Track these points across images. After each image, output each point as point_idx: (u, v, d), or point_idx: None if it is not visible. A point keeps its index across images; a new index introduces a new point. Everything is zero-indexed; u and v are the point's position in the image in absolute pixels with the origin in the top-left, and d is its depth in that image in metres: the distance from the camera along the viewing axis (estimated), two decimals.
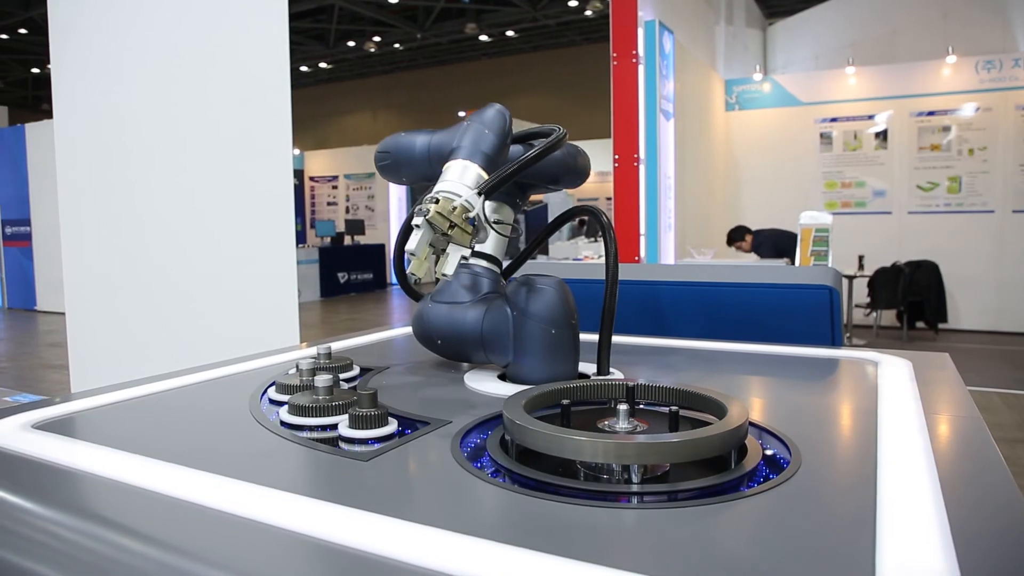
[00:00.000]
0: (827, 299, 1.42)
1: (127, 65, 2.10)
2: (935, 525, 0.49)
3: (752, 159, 8.18)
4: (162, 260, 2.15)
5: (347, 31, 17.19)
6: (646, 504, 0.57)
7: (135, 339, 2.15)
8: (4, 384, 5.66)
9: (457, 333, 0.97)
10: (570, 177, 1.11)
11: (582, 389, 0.74)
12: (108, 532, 0.51)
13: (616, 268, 0.97)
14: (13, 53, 17.47)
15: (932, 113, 7.50)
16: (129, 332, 2.15)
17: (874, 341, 6.90)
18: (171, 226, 2.14)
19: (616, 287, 0.97)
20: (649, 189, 5.22)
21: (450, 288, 1.00)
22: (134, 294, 2.14)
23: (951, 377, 1.02)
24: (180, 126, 2.14)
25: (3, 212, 11.65)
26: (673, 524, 0.52)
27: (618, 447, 0.58)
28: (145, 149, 2.12)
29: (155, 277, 2.15)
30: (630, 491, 0.59)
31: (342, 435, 0.71)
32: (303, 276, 12.29)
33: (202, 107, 2.17)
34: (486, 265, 1.01)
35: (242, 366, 1.09)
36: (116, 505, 0.57)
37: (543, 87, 19.74)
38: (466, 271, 1.00)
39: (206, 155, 2.17)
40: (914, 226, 7.61)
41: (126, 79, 2.10)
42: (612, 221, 8.01)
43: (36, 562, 0.52)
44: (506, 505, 0.56)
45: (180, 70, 2.14)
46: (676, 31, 5.77)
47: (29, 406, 0.85)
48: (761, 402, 0.92)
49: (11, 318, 10.68)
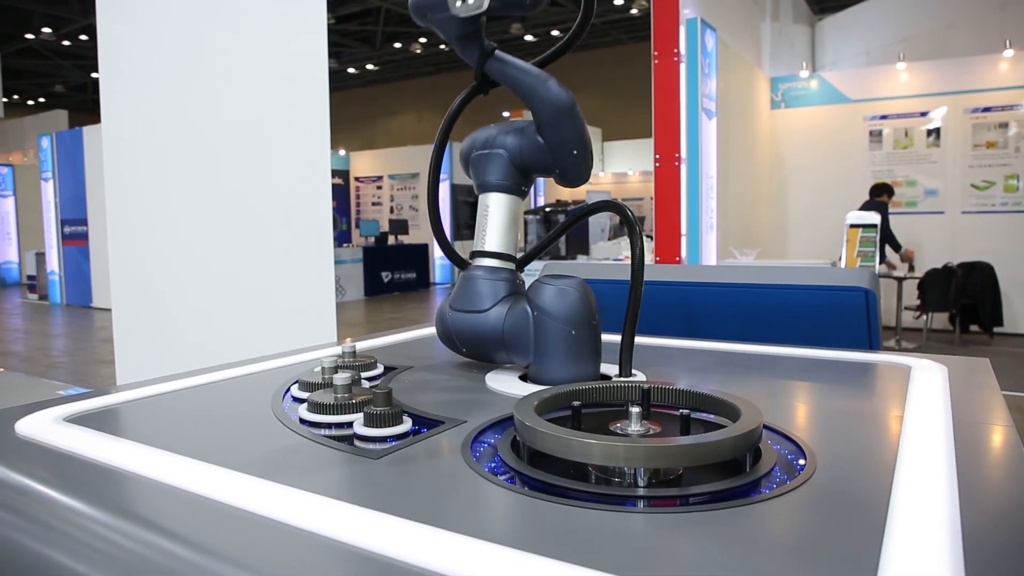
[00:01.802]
0: (863, 301, 1.38)
1: (171, 70, 2.16)
2: (946, 536, 0.48)
3: (798, 158, 8.02)
4: (204, 258, 2.21)
5: (393, 33, 17.39)
6: (651, 509, 0.56)
7: (178, 335, 2.21)
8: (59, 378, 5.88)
9: (479, 337, 0.98)
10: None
11: (594, 391, 0.74)
12: (117, 520, 0.53)
13: (641, 267, 0.96)
14: (74, 58, 18.14)
15: (988, 109, 7.25)
16: (172, 328, 2.21)
17: (925, 345, 6.70)
18: (213, 225, 2.20)
19: (641, 287, 0.96)
20: (691, 189, 5.16)
21: (468, 295, 0.99)
22: (177, 292, 2.20)
23: (988, 383, 0.98)
24: (221, 128, 2.20)
25: (62, 212, 12.10)
26: (678, 528, 0.51)
27: (620, 450, 0.57)
28: (188, 151, 2.18)
29: (198, 275, 2.21)
30: (635, 495, 0.59)
31: (357, 433, 0.72)
32: (348, 275, 12.47)
33: (243, 110, 2.22)
34: (500, 265, 1.00)
35: (271, 363, 1.12)
36: (127, 495, 0.59)
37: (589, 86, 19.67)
38: (482, 277, 0.99)
39: (247, 157, 2.22)
40: (968, 226, 7.37)
41: (170, 84, 2.16)
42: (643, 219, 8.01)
43: (55, 550, 0.55)
44: (512, 507, 0.56)
45: (222, 74, 2.19)
46: (719, 28, 5.69)
47: (65, 399, 0.89)
48: (783, 406, 0.90)
49: (68, 314, 11.08)
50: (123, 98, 2.15)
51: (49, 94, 22.01)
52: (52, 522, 0.57)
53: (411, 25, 16.57)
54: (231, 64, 2.20)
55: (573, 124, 0.95)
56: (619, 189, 17.90)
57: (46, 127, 14.06)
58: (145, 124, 2.16)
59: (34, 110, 21.77)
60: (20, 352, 7.97)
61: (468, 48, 0.99)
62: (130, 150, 2.14)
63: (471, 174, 1.03)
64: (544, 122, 0.95)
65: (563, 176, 0.99)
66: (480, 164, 1.01)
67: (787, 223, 8.10)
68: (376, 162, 18.38)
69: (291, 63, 2.28)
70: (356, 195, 18.77)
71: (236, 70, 2.21)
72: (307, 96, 2.30)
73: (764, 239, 7.62)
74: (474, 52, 0.99)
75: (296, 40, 2.29)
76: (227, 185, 2.21)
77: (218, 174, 2.20)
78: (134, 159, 2.15)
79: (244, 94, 2.22)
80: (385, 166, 18.11)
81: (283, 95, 2.27)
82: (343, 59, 19.46)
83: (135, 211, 2.15)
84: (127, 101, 2.15)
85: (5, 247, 15.91)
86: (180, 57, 2.17)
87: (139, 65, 2.15)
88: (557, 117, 0.95)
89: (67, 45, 16.91)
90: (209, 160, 2.19)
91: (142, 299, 2.21)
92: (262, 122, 2.24)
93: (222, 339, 2.23)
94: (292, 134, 2.28)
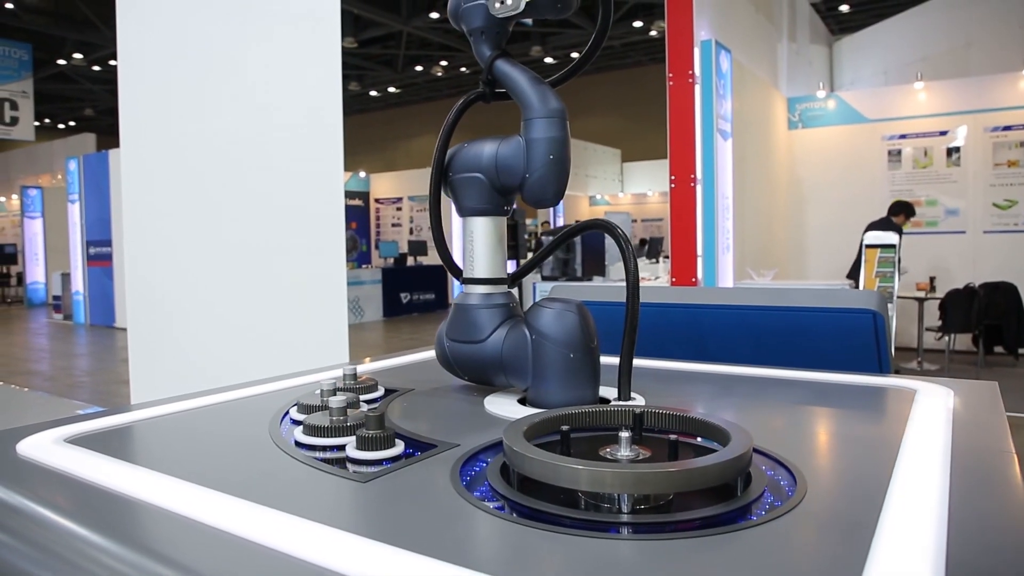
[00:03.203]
0: (871, 324, 1.37)
1: (187, 96, 2.20)
2: (929, 565, 0.47)
3: (816, 178, 7.98)
4: (219, 280, 2.24)
5: (415, 56, 17.61)
6: (640, 535, 0.56)
7: (192, 356, 2.24)
8: (81, 397, 5.96)
9: (479, 364, 0.99)
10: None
11: (585, 415, 0.74)
12: (108, 543, 0.54)
13: (636, 289, 0.96)
14: (104, 83, 18.55)
15: (1008, 128, 7.18)
16: (187, 349, 2.24)
17: (948, 366, 6.60)
18: (227, 247, 2.23)
19: (637, 309, 0.96)
20: (706, 210, 5.15)
21: (464, 324, 0.99)
22: (192, 312, 2.23)
23: (993, 408, 0.97)
24: (236, 152, 2.23)
25: (88, 233, 12.32)
26: (667, 555, 0.51)
27: (606, 476, 0.57)
28: (203, 174, 2.22)
29: (212, 296, 2.24)
30: (625, 521, 0.58)
31: (349, 456, 0.72)
32: (367, 296, 12.53)
33: (258, 134, 2.25)
34: (492, 290, 1.00)
35: (276, 385, 1.13)
36: (120, 518, 0.60)
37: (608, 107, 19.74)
38: (478, 306, 0.99)
39: (261, 180, 2.26)
40: (990, 246, 7.27)
41: (186, 109, 2.20)
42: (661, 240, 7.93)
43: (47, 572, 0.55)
44: (498, 533, 0.56)
45: (237, 100, 2.23)
46: (734, 50, 5.70)
47: (67, 420, 0.90)
48: (781, 429, 0.89)
49: (92, 334, 11.24)
50: (141, 123, 2.20)
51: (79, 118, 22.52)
52: (46, 543, 0.58)
53: (432, 49, 16.78)
54: (247, 90, 2.25)
55: (560, 128, 0.95)
56: (639, 210, 17.89)
57: (74, 150, 14.37)
58: (161, 148, 2.20)
59: (64, 133, 22.28)
60: (44, 371, 8.09)
61: (485, 43, 1.02)
62: (147, 173, 2.18)
63: (451, 197, 1.03)
64: (533, 115, 0.95)
65: (531, 186, 0.95)
66: (460, 188, 1.00)
67: (805, 243, 8.04)
68: (396, 184, 18.54)
69: (306, 89, 2.32)
70: (376, 216, 18.93)
71: (252, 96, 2.25)
72: (322, 121, 2.34)
73: (782, 259, 7.56)
74: (488, 50, 1.02)
75: (311, 66, 2.33)
76: (241, 208, 2.24)
77: (232, 197, 2.24)
78: (151, 182, 2.19)
79: (259, 119, 2.26)
80: (405, 187, 18.26)
81: (298, 120, 2.31)
82: (365, 82, 19.73)
83: (151, 233, 2.19)
84: (145, 125, 2.20)
85: (33, 268, 16.21)
86: (196, 83, 2.21)
87: (157, 91, 2.20)
88: (548, 113, 0.95)
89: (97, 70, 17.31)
90: (223, 184, 2.23)
91: (157, 320, 2.24)
92: (277, 146, 2.28)
93: (236, 359, 2.25)
94: (306, 159, 2.31)
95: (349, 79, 19.05)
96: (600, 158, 18.54)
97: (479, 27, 1.01)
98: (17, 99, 14.68)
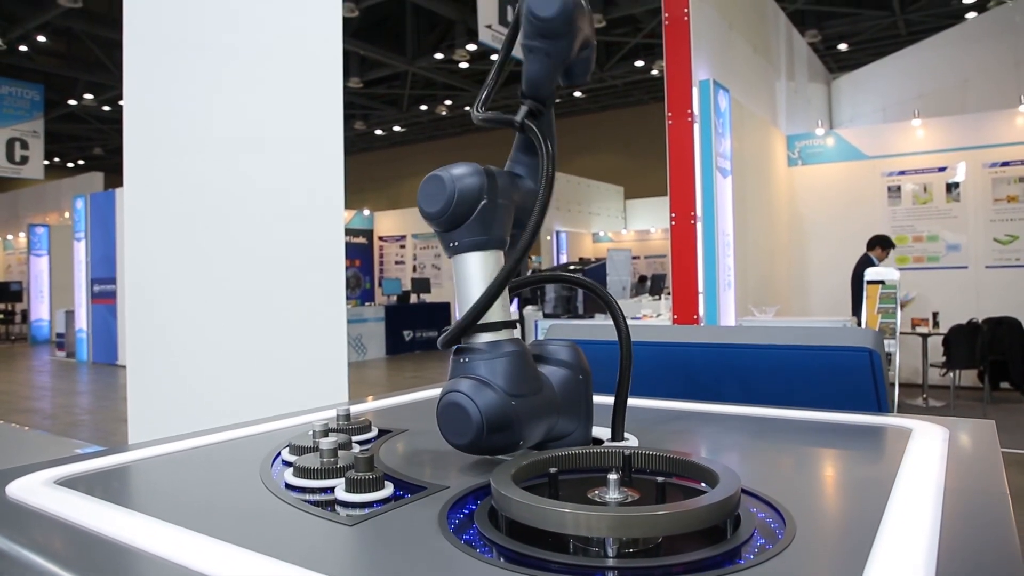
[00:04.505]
0: (867, 362, 1.37)
1: (188, 136, 2.24)
2: None
3: (818, 214, 8.02)
4: (217, 318, 2.24)
5: (419, 96, 17.86)
6: None
7: (191, 395, 2.24)
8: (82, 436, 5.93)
9: (545, 414, 0.93)
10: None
11: (574, 457, 0.74)
12: None
13: (627, 333, 0.96)
14: (113, 123, 18.82)
15: (1007, 164, 7.23)
16: (185, 387, 2.24)
17: (953, 403, 6.54)
18: (225, 285, 2.24)
19: (630, 352, 0.96)
20: (707, 247, 5.17)
21: (525, 376, 0.84)
22: (190, 350, 2.23)
23: (989, 447, 0.96)
24: (236, 192, 2.26)
25: (93, 271, 12.38)
26: None
27: (591, 519, 0.57)
28: (203, 215, 2.24)
29: (210, 334, 2.24)
30: (612, 565, 0.58)
31: (338, 499, 0.72)
32: (370, 334, 12.52)
33: (259, 175, 2.28)
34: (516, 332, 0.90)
35: (270, 425, 1.13)
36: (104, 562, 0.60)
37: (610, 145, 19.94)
38: (525, 351, 0.86)
39: (261, 220, 2.28)
40: (993, 281, 7.27)
41: (187, 148, 2.23)
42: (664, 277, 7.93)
43: None
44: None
45: (238, 141, 2.26)
46: (733, 89, 5.78)
47: (60, 461, 0.90)
48: (773, 469, 0.89)
49: (94, 372, 11.22)
50: (144, 161, 2.23)
51: (88, 157, 22.81)
52: None
53: (436, 88, 17.03)
54: (247, 131, 2.28)
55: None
56: (642, 246, 17.97)
57: (82, 189, 14.52)
58: (163, 185, 2.23)
59: (73, 172, 22.54)
60: (45, 410, 8.06)
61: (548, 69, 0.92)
62: (148, 210, 2.21)
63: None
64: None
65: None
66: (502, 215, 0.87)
67: (807, 279, 8.05)
68: (400, 221, 18.66)
69: (307, 131, 2.36)
70: (380, 254, 19.02)
71: (252, 137, 2.28)
72: (323, 162, 2.37)
73: (784, 296, 7.56)
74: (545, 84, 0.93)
75: (312, 108, 2.37)
76: (241, 246, 2.26)
77: (232, 236, 2.26)
78: (152, 219, 2.21)
79: (261, 159, 2.29)
80: (408, 225, 18.37)
81: (300, 160, 2.34)
82: (371, 121, 19.99)
83: (151, 270, 2.21)
84: (148, 163, 2.23)
85: (38, 305, 16.27)
86: (199, 123, 2.25)
87: (161, 130, 2.23)
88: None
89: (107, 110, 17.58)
90: (223, 224, 2.25)
91: (157, 357, 2.24)
92: (278, 185, 2.30)
93: (235, 398, 2.25)
94: (307, 197, 2.34)
95: (355, 118, 19.32)
96: (603, 195, 18.67)
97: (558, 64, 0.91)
98: (28, 139, 14.90)
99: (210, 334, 2.25)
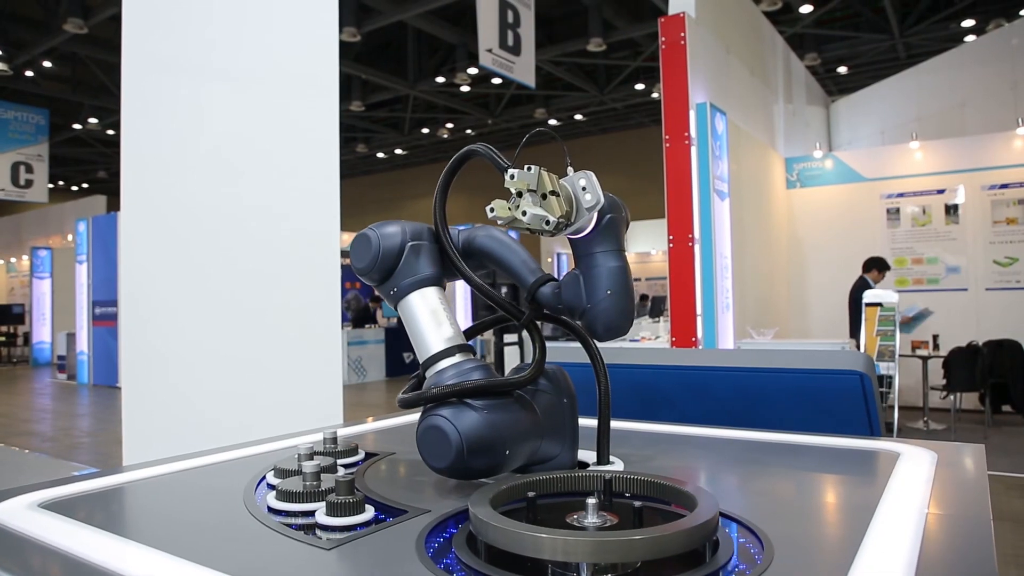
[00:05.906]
0: (858, 385, 1.37)
1: (185, 159, 2.26)
2: None
3: (816, 236, 8.02)
4: (213, 340, 2.25)
5: (421, 119, 17.97)
6: None
7: (186, 417, 2.23)
8: (81, 458, 5.91)
9: (532, 437, 0.93)
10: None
11: (553, 481, 0.74)
12: None
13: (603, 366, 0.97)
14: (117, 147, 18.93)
15: (1005, 186, 7.25)
16: (181, 409, 2.24)
17: (954, 425, 6.50)
18: (221, 308, 2.25)
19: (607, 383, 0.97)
20: (705, 269, 5.17)
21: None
22: (186, 373, 2.23)
23: (976, 472, 0.96)
24: (231, 215, 2.27)
25: (94, 293, 12.40)
26: None
27: (565, 544, 0.57)
28: (199, 237, 2.25)
29: (206, 356, 2.25)
30: None
31: (318, 522, 0.72)
32: (370, 356, 12.49)
33: (256, 197, 2.30)
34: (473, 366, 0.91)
35: (257, 448, 1.13)
36: None
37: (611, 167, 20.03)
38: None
39: (257, 242, 2.29)
40: (993, 303, 7.25)
41: (184, 171, 2.25)
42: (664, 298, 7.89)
43: None
44: None
45: (233, 164, 2.28)
46: (730, 112, 5.82)
47: (48, 484, 0.90)
48: (756, 494, 0.89)
49: (94, 395, 11.20)
50: (142, 184, 2.25)
51: (93, 180, 22.93)
52: None
53: (438, 111, 17.14)
54: (244, 153, 2.30)
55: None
56: (642, 268, 17.97)
57: (85, 212, 14.59)
58: (160, 209, 2.24)
59: (77, 195, 22.66)
60: (45, 432, 8.04)
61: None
62: (146, 233, 2.22)
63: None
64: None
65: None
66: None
67: (806, 301, 8.04)
68: None
69: (304, 153, 2.38)
70: None
71: (249, 159, 2.30)
72: (320, 186, 2.39)
73: (783, 318, 7.55)
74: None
75: (311, 131, 2.39)
76: (237, 269, 2.27)
77: (228, 259, 2.27)
78: (150, 242, 2.22)
79: (257, 182, 2.31)
80: None
81: (297, 184, 2.36)
82: (372, 144, 20.10)
83: (148, 292, 2.21)
84: (146, 186, 2.25)
85: (40, 327, 16.27)
86: (197, 146, 2.27)
87: (158, 154, 2.25)
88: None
89: (111, 134, 17.70)
90: (219, 246, 2.27)
91: (153, 380, 2.24)
92: (275, 207, 2.32)
93: (229, 419, 2.24)
94: (302, 222, 2.36)
95: (357, 141, 19.43)
96: None
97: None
98: (32, 162, 15.00)
99: (206, 356, 2.25)
